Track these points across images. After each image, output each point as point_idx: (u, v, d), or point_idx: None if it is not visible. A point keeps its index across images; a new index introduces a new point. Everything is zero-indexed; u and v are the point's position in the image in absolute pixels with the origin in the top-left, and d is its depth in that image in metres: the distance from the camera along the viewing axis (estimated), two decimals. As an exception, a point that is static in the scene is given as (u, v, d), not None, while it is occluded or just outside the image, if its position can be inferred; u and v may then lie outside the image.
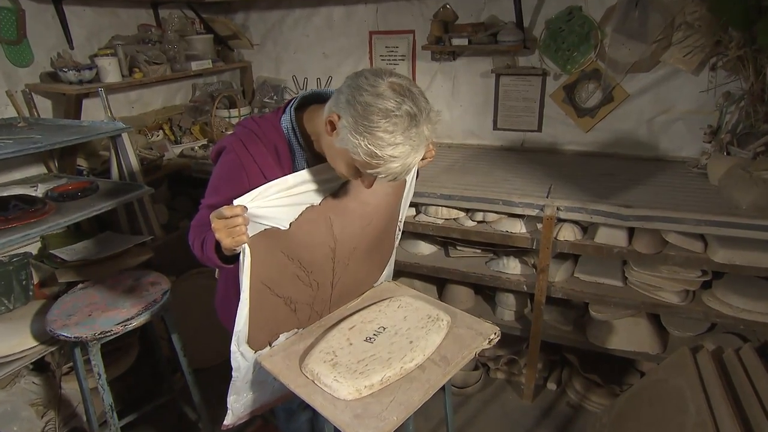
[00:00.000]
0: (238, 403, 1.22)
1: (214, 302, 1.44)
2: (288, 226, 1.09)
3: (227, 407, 1.19)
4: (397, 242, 1.47)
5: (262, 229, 1.05)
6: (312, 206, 1.12)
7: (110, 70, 2.23)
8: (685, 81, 2.23)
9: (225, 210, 0.96)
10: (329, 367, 1.14)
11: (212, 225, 0.98)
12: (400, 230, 1.46)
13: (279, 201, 1.05)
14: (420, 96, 0.99)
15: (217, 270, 1.42)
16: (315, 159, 1.16)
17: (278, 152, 1.13)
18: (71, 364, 1.98)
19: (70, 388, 1.99)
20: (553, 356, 2.41)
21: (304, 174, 1.08)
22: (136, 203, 2.24)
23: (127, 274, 1.93)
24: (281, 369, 1.19)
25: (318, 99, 1.15)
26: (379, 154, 0.97)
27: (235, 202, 0.97)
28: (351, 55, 2.90)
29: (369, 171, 1.01)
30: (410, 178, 1.33)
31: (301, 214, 1.10)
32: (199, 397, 1.97)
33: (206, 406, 1.98)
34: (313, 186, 1.10)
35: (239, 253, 1.06)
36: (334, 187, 1.15)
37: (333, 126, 1.02)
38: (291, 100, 1.18)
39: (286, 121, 1.14)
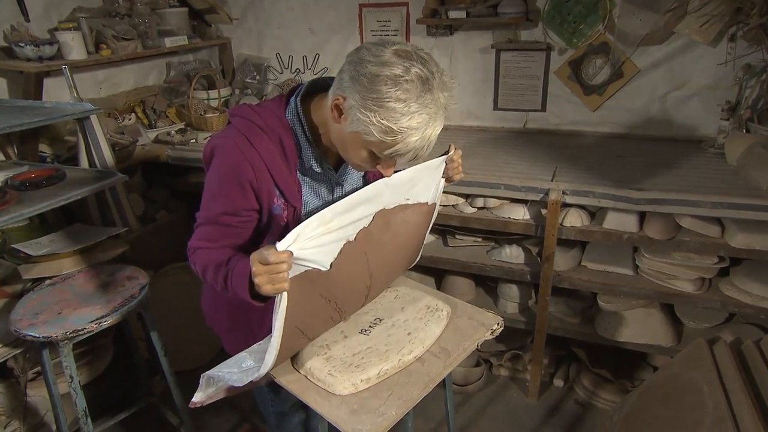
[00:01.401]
0: (211, 385, 1.20)
1: (201, 302, 1.42)
2: (329, 267, 1.05)
3: (199, 382, 1.17)
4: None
5: (302, 270, 1.01)
6: (349, 242, 1.08)
7: (74, 46, 2.18)
8: (701, 53, 2.21)
9: (270, 256, 0.91)
10: (323, 361, 1.14)
11: (252, 268, 0.93)
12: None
13: (319, 240, 1.01)
14: (430, 59, 0.97)
15: None
16: (323, 154, 1.15)
17: (284, 147, 1.10)
18: (38, 368, 1.96)
19: (36, 395, 1.97)
20: (560, 351, 2.42)
21: (339, 206, 1.04)
22: (108, 192, 2.21)
23: (101, 268, 1.91)
24: None
25: (325, 87, 1.11)
26: (395, 128, 0.94)
27: (279, 246, 0.93)
28: (339, 30, 2.86)
29: (387, 152, 0.99)
30: (438, 196, 1.29)
31: (340, 252, 1.07)
32: (182, 401, 1.96)
33: (189, 411, 1.97)
34: (348, 218, 1.06)
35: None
36: (367, 219, 1.12)
37: (339, 110, 1.00)
38: (295, 88, 1.14)
39: (291, 112, 1.11)
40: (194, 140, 2.66)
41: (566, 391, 2.34)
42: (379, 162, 1.05)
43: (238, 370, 1.13)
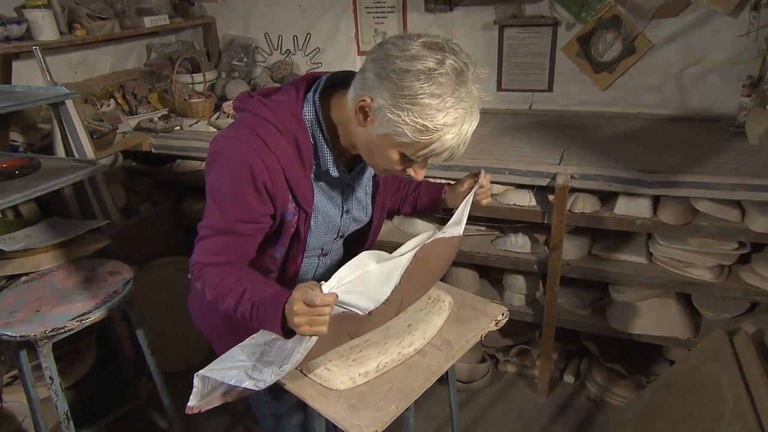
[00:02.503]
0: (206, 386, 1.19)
1: (188, 303, 1.41)
2: (367, 313, 1.05)
3: (193, 383, 1.16)
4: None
5: (340, 311, 1.02)
6: (396, 286, 1.09)
7: (44, 25, 2.15)
8: (720, 25, 2.19)
9: (316, 298, 0.90)
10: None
11: (294, 307, 0.92)
12: None
13: (363, 287, 1.02)
14: (460, 50, 0.96)
15: None
16: (341, 157, 1.13)
17: (300, 148, 1.07)
18: (15, 372, 1.95)
19: (13, 400, 1.97)
20: (570, 345, 2.43)
21: (386, 255, 1.06)
22: (87, 183, 2.20)
23: (81, 263, 1.90)
24: None
25: (345, 80, 1.08)
26: (430, 125, 0.93)
27: (325, 288, 0.92)
28: (332, 7, 2.84)
29: (421, 152, 0.98)
30: (465, 215, 1.28)
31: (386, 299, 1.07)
32: (171, 403, 1.96)
33: (178, 413, 1.97)
34: (393, 261, 1.07)
35: None
36: (409, 257, 1.11)
37: (365, 113, 0.99)
38: (312, 81, 1.11)
39: (309, 110, 1.08)
40: (179, 127, 2.65)
41: (577, 387, 2.34)
42: (410, 165, 1.03)
43: (232, 365, 1.12)
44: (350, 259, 1.39)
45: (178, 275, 2.49)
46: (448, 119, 0.93)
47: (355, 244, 1.39)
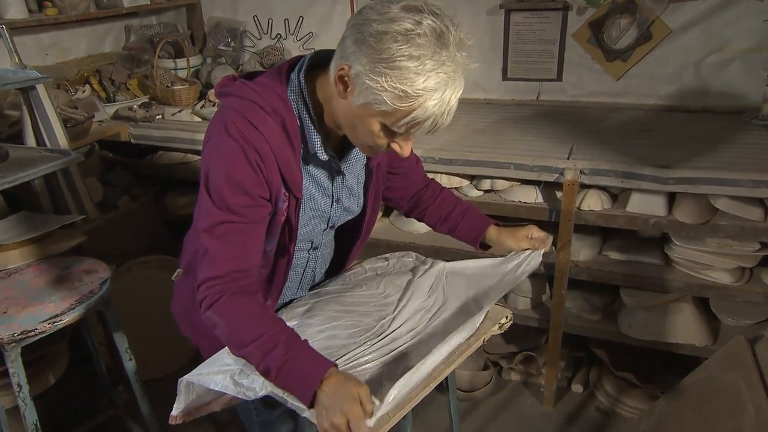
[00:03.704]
0: (191, 393, 1.19)
1: (172, 307, 1.41)
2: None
3: (177, 390, 1.16)
4: None
5: None
6: None
7: (11, 2, 2.14)
8: (744, 9, 2.19)
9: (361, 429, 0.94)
10: None
11: (333, 418, 0.94)
12: None
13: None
14: (442, 13, 0.96)
15: (178, 271, 1.37)
16: (328, 139, 1.14)
17: (287, 130, 1.08)
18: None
19: (-25, 411, 1.94)
20: (579, 352, 2.42)
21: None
22: (60, 175, 2.18)
23: (53, 261, 1.89)
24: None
25: (329, 60, 1.08)
26: (410, 90, 0.93)
27: (369, 423, 0.95)
28: (325, -12, 2.83)
29: (403, 121, 0.98)
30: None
31: None
32: (150, 412, 1.95)
33: (159, 423, 1.96)
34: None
35: None
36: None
37: (345, 82, 0.99)
38: (295, 62, 1.13)
39: (294, 90, 1.09)
40: (160, 116, 2.63)
41: (586, 397, 2.34)
42: (394, 138, 1.03)
43: (218, 369, 1.11)
44: (341, 253, 1.44)
45: (159, 274, 2.47)
46: (429, 84, 0.93)
47: (347, 237, 1.40)
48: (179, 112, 2.63)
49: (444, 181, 2.14)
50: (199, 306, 1.08)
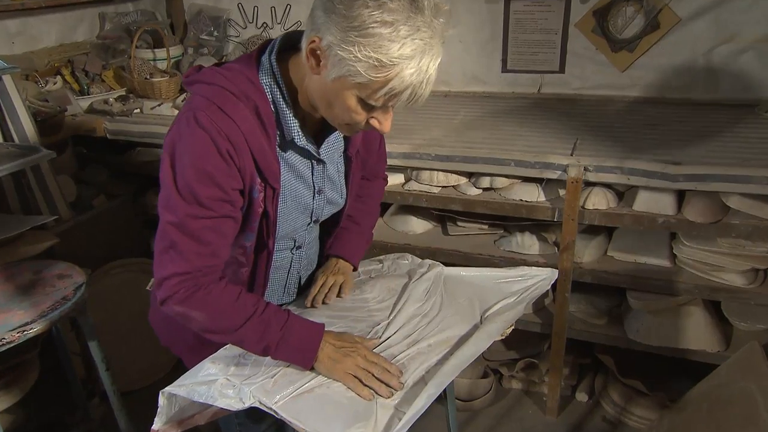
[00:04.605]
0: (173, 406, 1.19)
1: (149, 317, 1.41)
2: None
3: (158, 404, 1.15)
4: None
5: None
6: None
7: (-29, -15, 2.11)
8: (757, -5, 2.20)
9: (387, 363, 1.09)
10: None
11: (351, 360, 1.09)
12: None
13: None
14: None
15: (152, 281, 1.36)
16: (305, 124, 1.14)
17: (261, 117, 1.08)
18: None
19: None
20: (583, 358, 2.43)
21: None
22: (30, 173, 2.18)
23: (23, 265, 1.88)
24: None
25: (301, 41, 1.09)
26: (385, 59, 0.92)
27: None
28: (314, -26, 2.81)
29: (379, 93, 0.98)
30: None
31: None
32: (128, 426, 1.93)
33: (136, 437, 1.95)
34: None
35: None
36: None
37: (317, 57, 0.99)
38: (266, 45, 1.13)
39: (265, 73, 1.10)
40: (138, 110, 2.63)
41: (591, 406, 2.34)
42: (372, 112, 1.03)
43: (201, 380, 1.11)
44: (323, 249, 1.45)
45: (137, 279, 2.47)
46: (405, 51, 0.93)
47: (328, 233, 1.41)
48: (159, 105, 2.61)
49: (441, 178, 2.14)
50: (162, 302, 1.09)
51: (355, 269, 1.44)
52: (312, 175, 1.21)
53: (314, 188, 1.23)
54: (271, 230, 1.18)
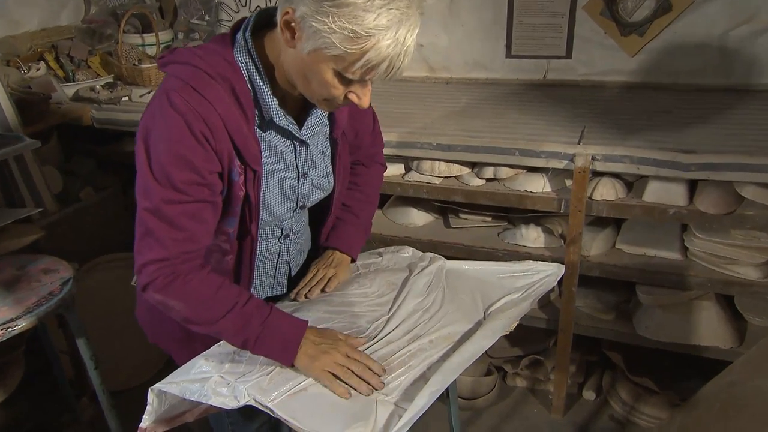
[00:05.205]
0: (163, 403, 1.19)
1: (136, 314, 1.43)
2: None
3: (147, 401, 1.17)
4: None
5: None
6: None
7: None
8: (777, -27, 2.18)
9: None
10: None
11: (332, 357, 1.10)
12: None
13: None
14: None
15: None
16: (284, 103, 1.15)
17: (238, 96, 1.10)
18: None
19: None
20: (590, 355, 2.43)
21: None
22: (13, 163, 2.18)
23: (7, 260, 1.89)
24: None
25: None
26: (360, 30, 0.94)
27: None
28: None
29: (356, 66, 0.99)
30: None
31: None
32: (118, 427, 1.94)
33: (126, 437, 1.96)
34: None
35: None
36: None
37: (291, 29, 1.01)
38: (240, 23, 1.15)
39: (241, 51, 1.11)
40: (126, 98, 2.62)
41: (599, 405, 2.35)
42: (350, 86, 1.04)
43: (194, 377, 1.11)
44: (315, 238, 1.46)
45: (127, 274, 2.44)
46: (381, 21, 0.94)
47: (319, 221, 1.42)
48: (148, 93, 2.61)
49: (442, 169, 2.14)
50: (143, 289, 1.11)
51: (353, 261, 1.44)
52: (295, 158, 1.22)
53: (298, 172, 1.23)
54: (254, 215, 1.19)
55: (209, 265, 1.18)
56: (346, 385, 1.08)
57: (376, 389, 1.08)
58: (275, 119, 1.13)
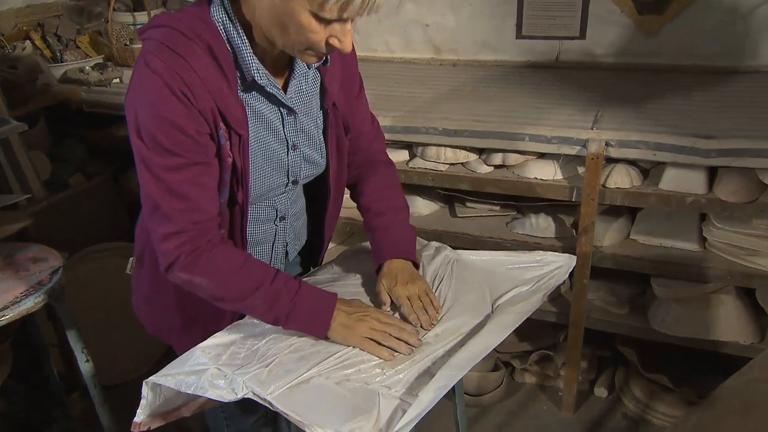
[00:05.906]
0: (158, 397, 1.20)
1: (132, 303, 1.44)
2: None
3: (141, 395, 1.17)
4: None
5: None
6: None
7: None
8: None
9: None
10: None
11: (366, 325, 1.15)
12: None
13: None
14: None
15: (131, 261, 1.43)
16: (264, 62, 1.16)
17: (215, 55, 1.10)
18: None
19: None
20: (603, 351, 2.44)
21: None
22: None
23: None
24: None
25: None
26: None
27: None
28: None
29: (330, 2, 0.98)
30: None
31: None
32: (110, 422, 1.95)
33: (119, 433, 1.97)
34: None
35: None
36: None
37: None
38: None
39: (218, 10, 1.12)
40: (118, 80, 2.62)
41: (611, 402, 2.35)
42: (330, 29, 1.04)
43: (190, 369, 1.11)
44: (315, 222, 1.47)
45: (119, 264, 2.44)
46: None
47: (319, 205, 1.42)
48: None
49: (448, 155, 2.14)
50: (166, 270, 1.14)
51: (416, 266, 1.36)
52: (283, 127, 1.23)
53: (287, 142, 1.24)
54: (243, 183, 1.20)
55: (230, 240, 1.22)
56: (389, 348, 1.13)
57: (415, 347, 1.14)
58: (256, 78, 1.13)
